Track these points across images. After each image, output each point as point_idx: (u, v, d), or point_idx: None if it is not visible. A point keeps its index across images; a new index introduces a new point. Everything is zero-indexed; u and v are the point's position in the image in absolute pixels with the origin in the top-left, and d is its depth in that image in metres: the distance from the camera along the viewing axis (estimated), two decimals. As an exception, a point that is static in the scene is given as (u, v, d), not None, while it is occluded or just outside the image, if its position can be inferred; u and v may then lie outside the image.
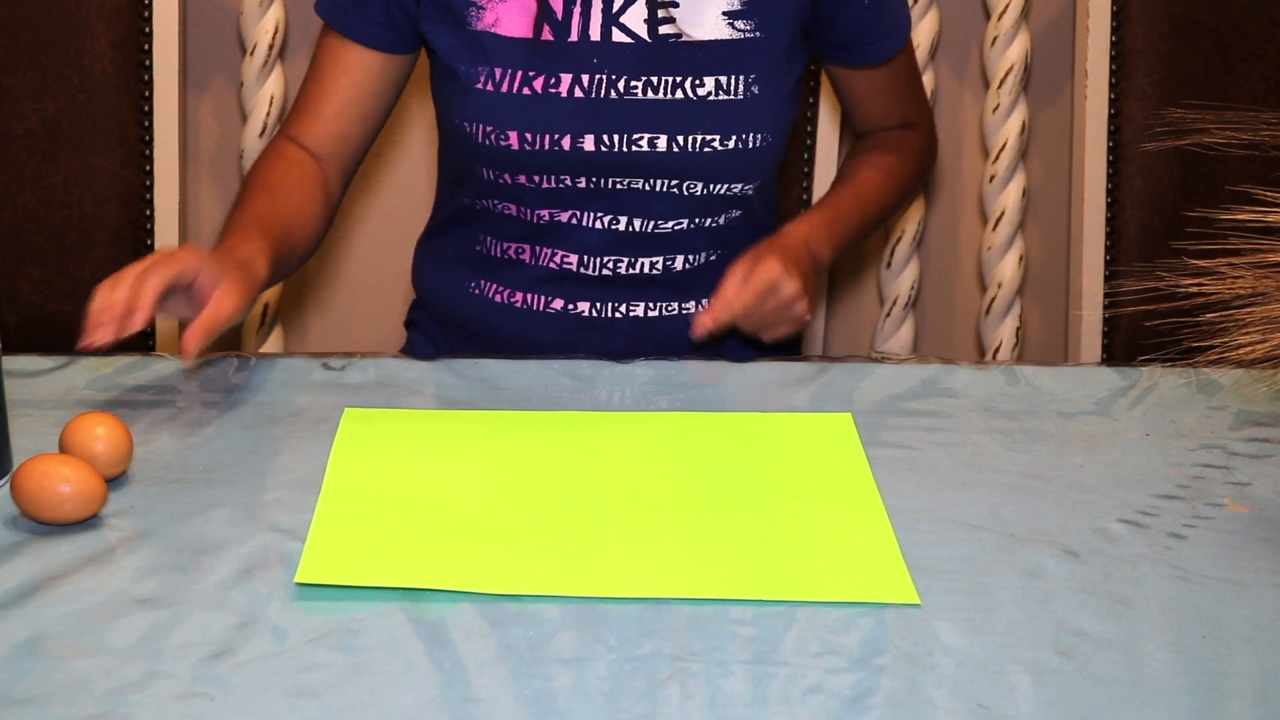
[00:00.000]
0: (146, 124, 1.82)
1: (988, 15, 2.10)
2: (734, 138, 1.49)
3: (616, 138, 1.47)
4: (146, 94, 1.82)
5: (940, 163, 2.24)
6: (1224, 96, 1.84)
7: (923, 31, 2.09)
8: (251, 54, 2.04)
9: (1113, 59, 1.89)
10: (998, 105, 2.09)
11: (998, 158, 2.10)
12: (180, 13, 1.83)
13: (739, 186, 1.52)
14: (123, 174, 1.81)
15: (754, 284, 1.41)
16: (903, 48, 1.61)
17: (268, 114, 2.04)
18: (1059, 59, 2.16)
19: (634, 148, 1.48)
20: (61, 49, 1.78)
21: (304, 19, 2.16)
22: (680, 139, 1.48)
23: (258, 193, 1.48)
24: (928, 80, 2.10)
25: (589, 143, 1.47)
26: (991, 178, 2.11)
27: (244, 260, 1.33)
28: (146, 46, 1.82)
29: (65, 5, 1.78)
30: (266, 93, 2.04)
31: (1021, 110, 2.09)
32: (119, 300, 1.21)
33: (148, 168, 1.83)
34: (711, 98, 1.48)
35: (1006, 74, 2.08)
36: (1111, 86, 1.89)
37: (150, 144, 1.83)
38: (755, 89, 1.49)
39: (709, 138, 1.48)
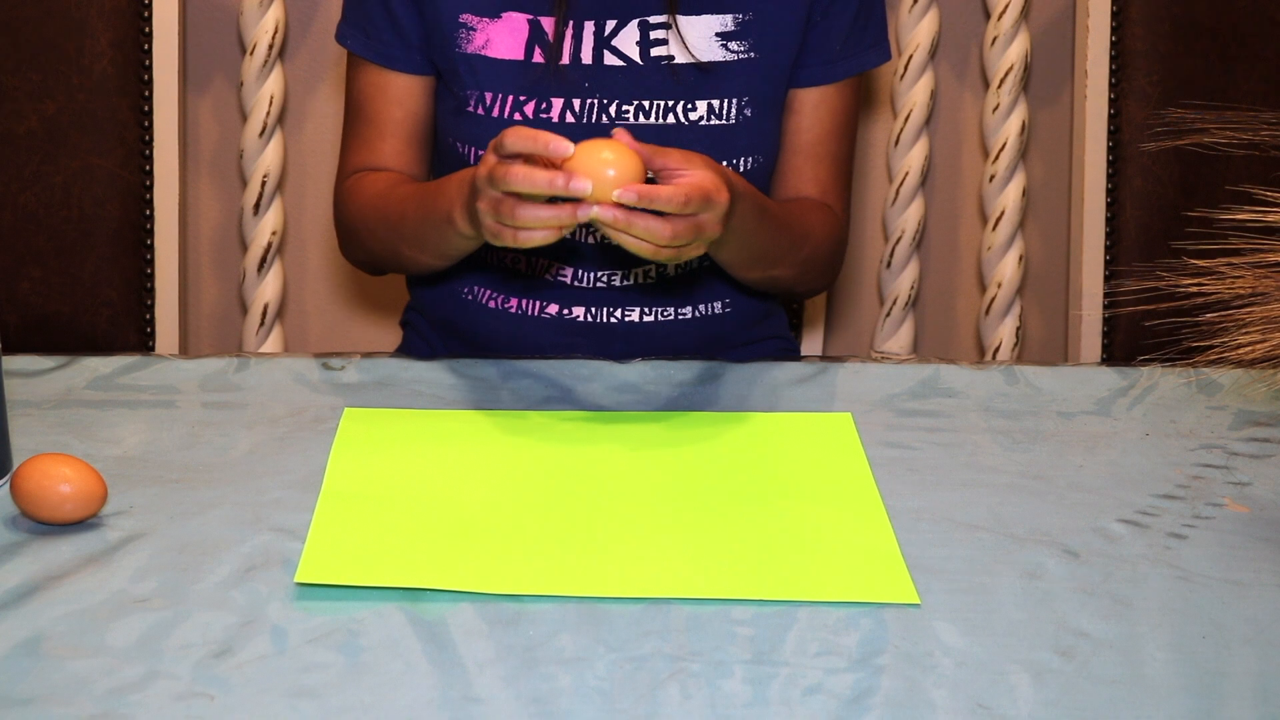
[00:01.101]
0: (146, 124, 1.82)
1: (988, 15, 2.10)
2: (725, 163, 1.47)
3: None
4: (146, 94, 1.82)
5: (940, 163, 2.24)
6: (1224, 96, 1.84)
7: (923, 31, 2.09)
8: (251, 54, 2.04)
9: (1113, 59, 1.89)
10: (998, 105, 2.09)
11: (997, 158, 2.10)
12: (180, 13, 1.83)
13: None
14: (123, 174, 1.81)
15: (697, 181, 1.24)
16: (842, 89, 1.53)
17: (267, 114, 2.04)
18: (1059, 59, 2.16)
19: None
20: (61, 49, 1.78)
21: (304, 19, 2.16)
22: None
23: (403, 187, 1.46)
24: (927, 80, 2.10)
25: None
26: (991, 178, 2.11)
27: None
28: (146, 46, 1.81)
29: (65, 5, 1.78)
30: (266, 92, 2.04)
31: (1021, 110, 2.09)
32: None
33: (148, 168, 1.83)
34: (703, 122, 1.47)
35: (1006, 74, 2.08)
36: (1111, 86, 1.89)
37: (150, 144, 1.83)
38: (748, 111, 1.48)
39: None
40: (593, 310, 1.54)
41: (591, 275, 1.53)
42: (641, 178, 1.21)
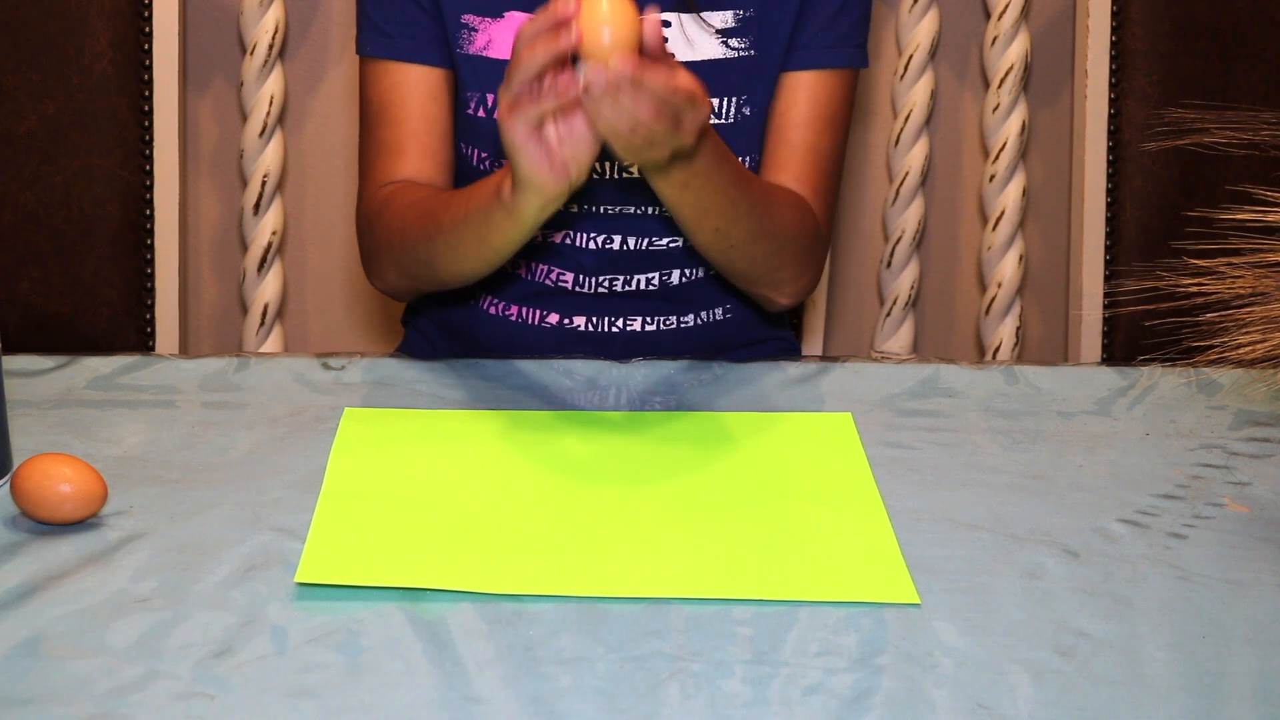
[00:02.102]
0: (146, 124, 1.82)
1: (988, 15, 2.10)
2: None
3: (607, 165, 1.46)
4: (146, 94, 1.82)
5: (940, 163, 2.24)
6: (1224, 96, 1.84)
7: (923, 31, 2.09)
8: (251, 54, 2.04)
9: (1113, 59, 1.89)
10: (998, 105, 2.09)
11: (998, 157, 2.10)
12: (180, 13, 1.83)
13: None
14: (123, 174, 1.81)
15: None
16: (825, 83, 1.50)
17: (267, 114, 2.04)
18: (1059, 59, 2.16)
19: (624, 173, 1.46)
20: (61, 49, 1.78)
21: (304, 19, 2.16)
22: None
23: (442, 195, 1.41)
24: (927, 80, 2.10)
25: None
26: (991, 177, 2.11)
27: None
28: (146, 46, 1.82)
29: (65, 5, 1.78)
30: (266, 92, 2.04)
31: (1021, 110, 2.09)
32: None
33: (148, 168, 1.83)
34: None
35: (1006, 74, 2.08)
36: (1111, 86, 1.89)
37: (150, 144, 1.83)
38: (746, 110, 1.48)
39: None
40: (593, 320, 1.53)
41: (592, 280, 1.52)
42: (637, 34, 1.15)
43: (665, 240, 1.52)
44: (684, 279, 1.54)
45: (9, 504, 1.14)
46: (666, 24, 1.47)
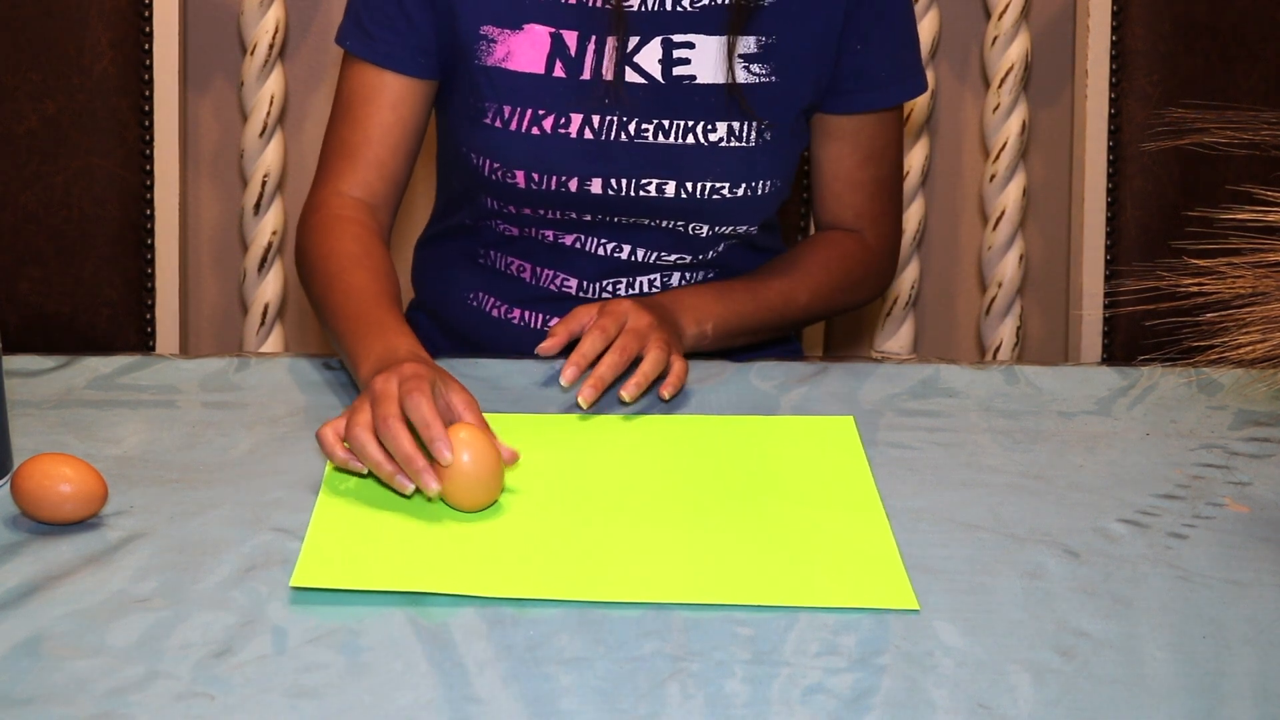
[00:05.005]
0: (146, 124, 1.82)
1: (988, 15, 2.10)
2: (744, 185, 1.47)
3: (625, 181, 1.46)
4: (146, 94, 1.82)
5: (940, 163, 2.24)
6: (1224, 96, 1.84)
7: (923, 31, 2.09)
8: (251, 54, 2.04)
9: (1113, 59, 1.89)
10: (998, 105, 2.09)
11: (998, 157, 2.10)
12: (180, 13, 1.83)
13: (744, 227, 1.51)
14: (123, 174, 1.81)
15: (607, 310, 1.36)
16: (885, 115, 1.54)
17: (268, 114, 2.04)
18: (1059, 59, 2.16)
19: (641, 192, 1.46)
20: (61, 49, 1.78)
21: (304, 19, 2.16)
22: (689, 185, 1.46)
23: (358, 272, 1.38)
24: (928, 80, 2.10)
25: (596, 185, 1.46)
26: (991, 177, 2.11)
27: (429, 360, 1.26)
28: (146, 46, 1.82)
29: (65, 5, 1.78)
30: (267, 92, 2.04)
31: (1021, 110, 2.09)
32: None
33: (148, 168, 1.83)
34: (723, 144, 1.46)
35: (1006, 74, 2.08)
36: (1112, 86, 1.89)
37: (150, 144, 1.83)
38: (768, 135, 1.47)
39: (718, 185, 1.46)
40: None
41: (596, 286, 1.52)
42: (495, 461, 1.15)
43: (673, 256, 1.52)
44: (684, 282, 1.54)
45: (9, 504, 1.14)
46: (690, 45, 1.45)
